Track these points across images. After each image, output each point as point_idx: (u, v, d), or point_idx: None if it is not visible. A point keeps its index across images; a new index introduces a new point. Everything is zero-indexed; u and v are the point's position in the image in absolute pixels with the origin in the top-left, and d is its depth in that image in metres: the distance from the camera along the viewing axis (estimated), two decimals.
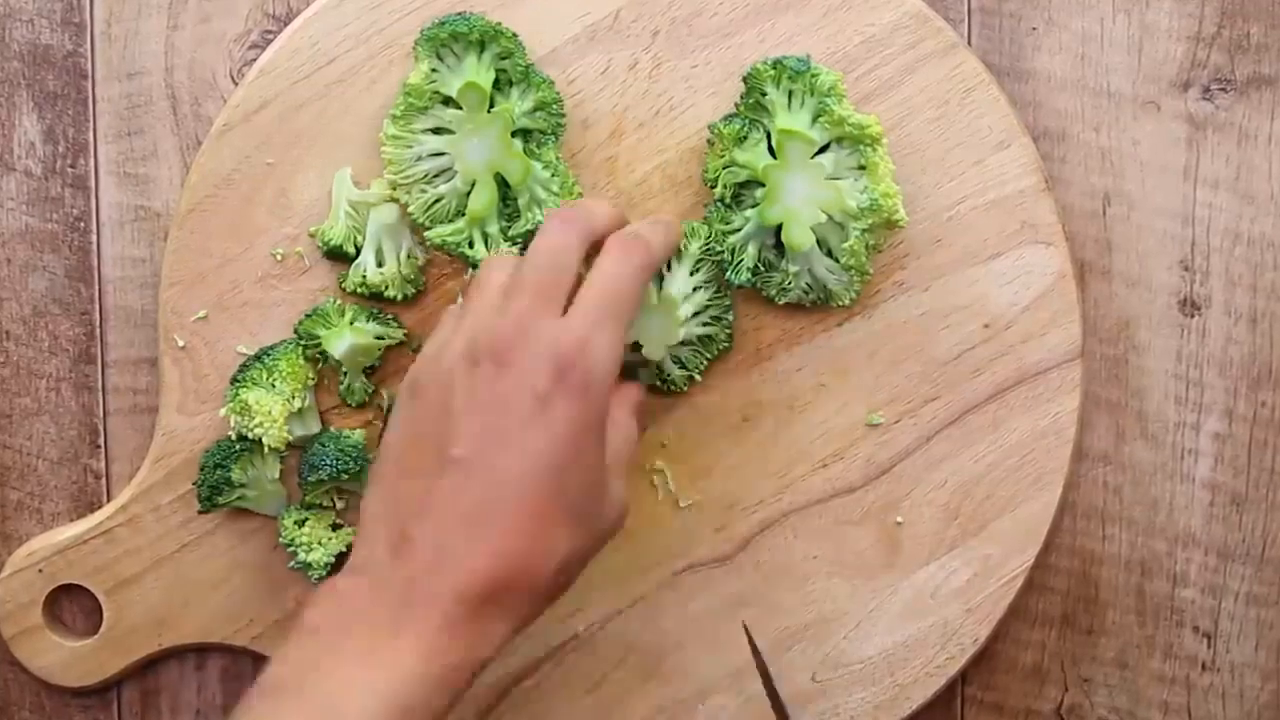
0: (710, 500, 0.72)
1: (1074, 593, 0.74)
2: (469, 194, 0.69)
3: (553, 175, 0.69)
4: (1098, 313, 0.73)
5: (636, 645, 0.73)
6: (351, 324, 0.70)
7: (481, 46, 0.69)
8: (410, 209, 0.70)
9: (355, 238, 0.71)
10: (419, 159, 0.70)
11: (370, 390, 0.72)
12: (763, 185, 0.69)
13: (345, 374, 0.71)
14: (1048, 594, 0.75)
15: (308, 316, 0.71)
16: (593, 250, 0.63)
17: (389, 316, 0.71)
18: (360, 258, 0.71)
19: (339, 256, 0.71)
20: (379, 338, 0.71)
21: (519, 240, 0.69)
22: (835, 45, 0.70)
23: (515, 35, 0.69)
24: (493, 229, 0.70)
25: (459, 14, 0.69)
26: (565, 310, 0.60)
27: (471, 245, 0.70)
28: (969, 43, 0.73)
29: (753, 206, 0.69)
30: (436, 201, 0.70)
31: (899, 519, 0.72)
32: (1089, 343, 0.73)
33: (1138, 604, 0.74)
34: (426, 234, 0.70)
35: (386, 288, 0.71)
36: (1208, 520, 0.74)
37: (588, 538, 0.59)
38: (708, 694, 0.72)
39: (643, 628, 0.73)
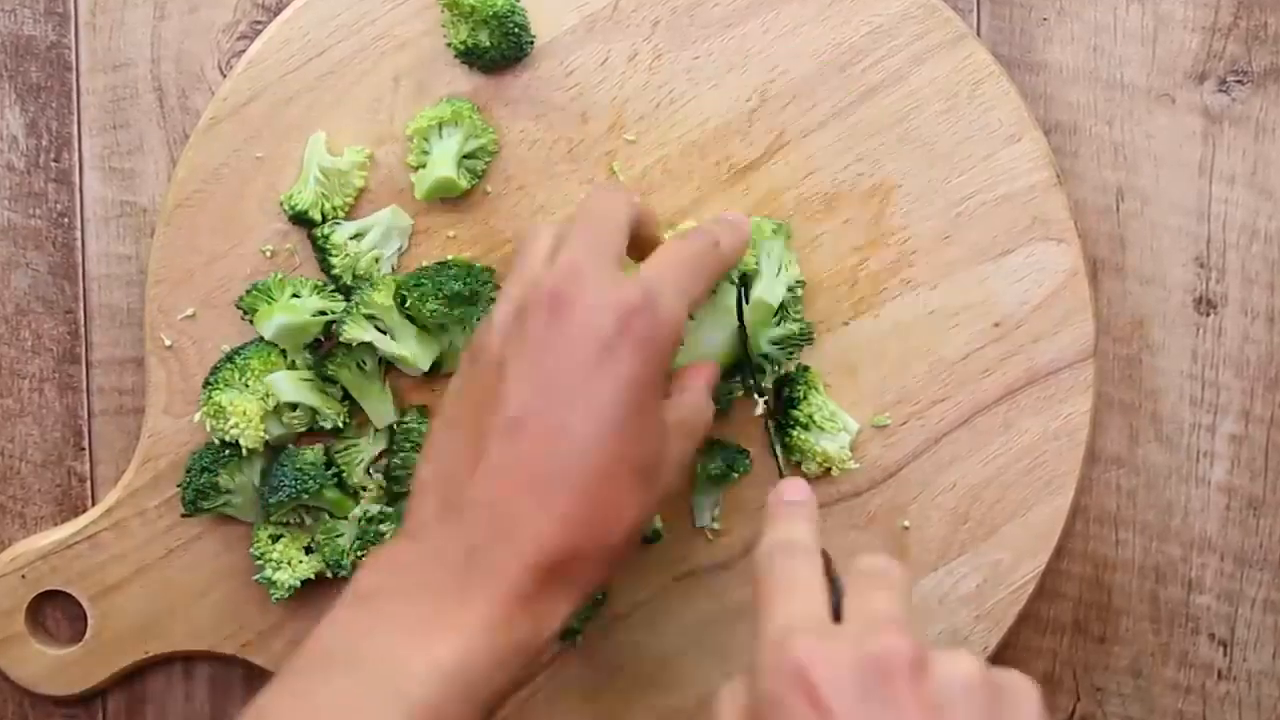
0: None
1: (1086, 599, 0.73)
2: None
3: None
4: (1111, 311, 0.72)
5: (637, 653, 0.71)
6: (292, 298, 0.68)
7: None
8: None
9: (323, 204, 0.69)
10: None
11: (313, 363, 0.69)
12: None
13: (284, 352, 0.69)
14: (1059, 600, 0.73)
15: (248, 292, 0.69)
16: (635, 254, 0.61)
17: (333, 290, 0.69)
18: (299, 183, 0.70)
19: (305, 222, 0.69)
20: (320, 313, 0.69)
21: None
22: (841, 35, 0.69)
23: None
24: None
25: None
26: None
27: None
28: (978, 33, 0.72)
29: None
30: None
31: (906, 523, 0.71)
32: (1102, 342, 0.72)
33: (1151, 611, 0.73)
34: None
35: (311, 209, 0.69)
36: (1224, 524, 0.73)
37: (653, 501, 0.56)
38: (710, 702, 0.71)
39: (643, 635, 0.71)
